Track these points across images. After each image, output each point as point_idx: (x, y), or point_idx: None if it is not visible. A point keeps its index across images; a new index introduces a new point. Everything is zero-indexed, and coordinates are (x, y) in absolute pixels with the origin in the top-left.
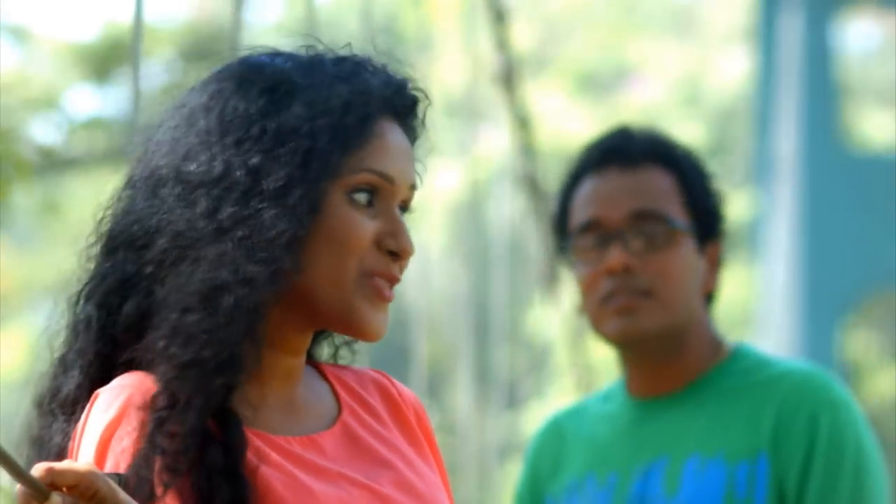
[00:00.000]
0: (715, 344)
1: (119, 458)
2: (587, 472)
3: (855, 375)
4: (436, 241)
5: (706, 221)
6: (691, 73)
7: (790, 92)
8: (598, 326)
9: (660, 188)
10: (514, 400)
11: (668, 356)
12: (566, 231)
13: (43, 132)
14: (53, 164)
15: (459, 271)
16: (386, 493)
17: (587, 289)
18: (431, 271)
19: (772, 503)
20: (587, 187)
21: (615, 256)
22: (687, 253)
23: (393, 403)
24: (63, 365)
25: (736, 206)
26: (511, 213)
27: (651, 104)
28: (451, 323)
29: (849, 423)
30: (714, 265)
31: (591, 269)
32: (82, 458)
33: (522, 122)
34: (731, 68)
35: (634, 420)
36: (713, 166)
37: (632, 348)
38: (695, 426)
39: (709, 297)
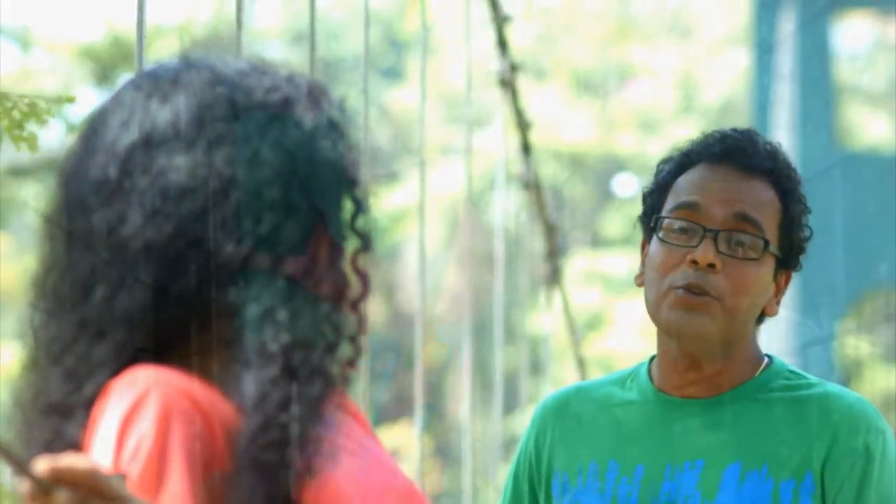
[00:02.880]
0: (755, 355)
1: (140, 442)
2: (609, 458)
3: (853, 375)
4: (435, 242)
5: (791, 251)
6: (688, 75)
7: (787, 93)
8: (657, 310)
9: (767, 204)
10: (513, 399)
11: (713, 361)
12: (658, 207)
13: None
14: (56, 164)
15: (459, 271)
16: None
17: (660, 269)
18: (431, 272)
19: None
20: (698, 173)
21: (705, 251)
22: (766, 273)
23: (344, 406)
24: (84, 364)
25: None
26: (511, 213)
27: (648, 105)
28: (452, 323)
29: (893, 454)
30: (779, 293)
31: (672, 252)
32: (97, 448)
33: (522, 124)
34: (727, 69)
35: (665, 417)
36: None
37: (681, 344)
38: (736, 434)
39: (760, 317)
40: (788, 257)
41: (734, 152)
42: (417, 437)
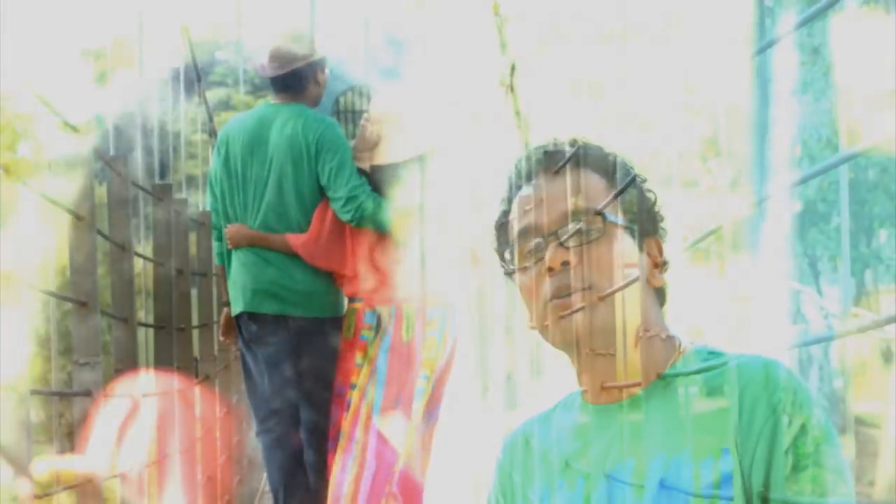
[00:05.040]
0: (669, 344)
1: (138, 442)
2: (558, 479)
3: (854, 373)
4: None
5: (641, 219)
6: (688, 73)
7: (788, 91)
8: (545, 334)
9: (590, 189)
10: (512, 399)
11: (622, 355)
12: (508, 248)
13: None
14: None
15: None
16: None
17: (531, 295)
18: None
19: (738, 498)
20: (522, 197)
21: (552, 254)
22: (624, 246)
23: (346, 402)
24: (88, 364)
25: (734, 207)
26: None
27: (647, 105)
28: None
29: (806, 407)
30: (656, 262)
31: (534, 275)
32: (96, 448)
33: (522, 124)
34: (728, 68)
35: (597, 426)
36: (712, 167)
37: (580, 350)
38: (659, 427)
39: (661, 298)
40: (643, 224)
41: (540, 164)
42: (417, 435)
